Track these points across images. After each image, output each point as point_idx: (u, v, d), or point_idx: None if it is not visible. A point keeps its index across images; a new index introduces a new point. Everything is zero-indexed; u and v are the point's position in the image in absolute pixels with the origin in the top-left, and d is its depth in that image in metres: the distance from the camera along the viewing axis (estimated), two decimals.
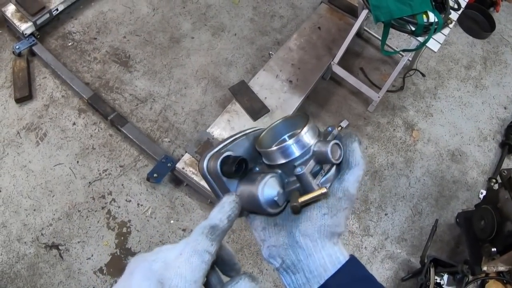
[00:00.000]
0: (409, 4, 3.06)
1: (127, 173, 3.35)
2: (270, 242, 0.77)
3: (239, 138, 0.80)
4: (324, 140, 0.74)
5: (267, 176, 0.73)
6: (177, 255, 0.64)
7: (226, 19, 4.22)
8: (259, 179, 0.73)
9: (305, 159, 0.73)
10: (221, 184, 0.77)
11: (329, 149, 0.71)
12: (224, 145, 0.78)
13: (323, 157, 0.72)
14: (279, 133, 0.84)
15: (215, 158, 0.76)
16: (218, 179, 0.76)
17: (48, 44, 3.83)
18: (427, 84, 4.24)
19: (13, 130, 3.42)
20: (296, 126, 0.82)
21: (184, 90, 3.76)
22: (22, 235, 3.07)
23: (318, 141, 0.74)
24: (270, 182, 0.73)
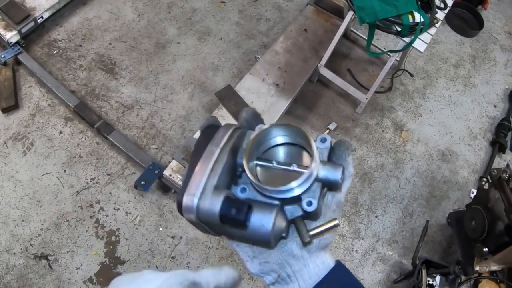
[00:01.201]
0: (394, 5, 3.03)
1: (114, 181, 3.34)
2: (261, 259, 0.75)
3: (220, 161, 0.68)
4: (328, 163, 0.70)
5: (273, 215, 0.65)
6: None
7: (212, 23, 4.21)
8: (265, 220, 0.65)
9: (312, 189, 0.69)
10: (217, 228, 0.69)
11: (339, 178, 0.69)
12: (207, 177, 0.67)
13: (331, 184, 0.70)
14: (263, 146, 0.76)
15: (208, 201, 0.66)
16: (214, 224, 0.67)
17: (33, 52, 3.81)
18: (416, 84, 4.23)
19: (0, 141, 3.40)
20: (284, 135, 0.76)
21: (170, 96, 3.74)
22: (11, 246, 3.06)
23: (323, 166, 0.70)
24: (277, 220, 0.66)
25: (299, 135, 0.74)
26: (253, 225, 0.66)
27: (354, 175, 0.81)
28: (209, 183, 0.66)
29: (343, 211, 3.47)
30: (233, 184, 0.73)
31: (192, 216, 0.67)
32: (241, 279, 0.71)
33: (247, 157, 0.70)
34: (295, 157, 0.76)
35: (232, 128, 0.73)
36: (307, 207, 0.67)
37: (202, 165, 0.68)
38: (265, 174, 0.74)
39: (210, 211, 0.65)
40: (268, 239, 0.66)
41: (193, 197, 0.66)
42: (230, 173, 0.71)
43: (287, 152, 0.77)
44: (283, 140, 0.76)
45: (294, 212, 0.70)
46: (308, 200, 0.67)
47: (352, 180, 3.59)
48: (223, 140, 0.71)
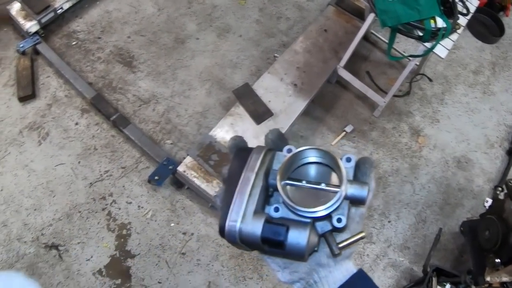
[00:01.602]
0: (416, 9, 3.01)
1: (128, 174, 3.34)
2: (292, 269, 0.80)
3: (256, 186, 0.73)
4: (355, 182, 0.75)
5: (307, 233, 0.70)
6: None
7: (232, 20, 4.20)
8: (300, 237, 0.70)
9: (341, 206, 0.73)
10: (257, 247, 0.74)
11: (366, 195, 0.73)
12: (246, 202, 0.72)
13: (358, 201, 0.74)
14: (294, 168, 0.81)
15: (250, 225, 0.71)
16: (256, 246, 0.73)
17: (52, 42, 3.82)
18: (434, 89, 4.19)
19: (16, 129, 3.41)
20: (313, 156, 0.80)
21: (188, 92, 3.73)
22: (22, 235, 3.07)
23: (351, 185, 0.74)
24: (311, 237, 0.71)
25: (328, 158, 0.78)
26: (290, 243, 0.70)
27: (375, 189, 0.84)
28: (248, 209, 0.72)
29: None
30: (266, 203, 0.77)
31: (235, 240, 0.72)
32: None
33: (280, 180, 0.74)
34: (323, 176, 0.80)
35: (263, 151, 0.77)
36: (337, 223, 0.72)
37: (241, 192, 0.73)
38: (295, 192, 0.77)
39: (252, 235, 0.71)
40: (303, 255, 0.71)
41: (235, 223, 0.71)
42: (264, 195, 0.75)
43: (315, 170, 0.81)
44: (309, 160, 0.81)
45: (324, 227, 0.75)
46: (338, 217, 0.72)
47: None
48: (257, 164, 0.75)
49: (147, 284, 3.03)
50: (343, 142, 3.72)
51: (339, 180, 0.75)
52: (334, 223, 0.72)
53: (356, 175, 0.78)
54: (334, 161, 0.76)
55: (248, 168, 0.75)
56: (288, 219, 0.73)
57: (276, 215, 0.74)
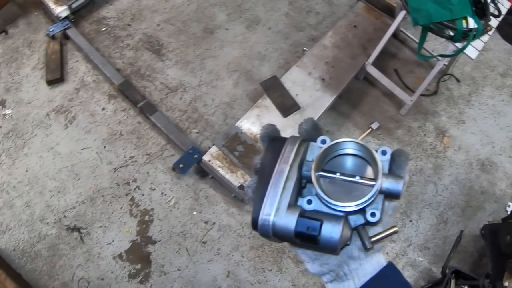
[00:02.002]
0: (449, 9, 2.99)
1: (153, 161, 3.35)
2: (322, 261, 0.80)
3: (290, 179, 0.72)
4: (390, 176, 0.73)
5: (340, 227, 0.69)
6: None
7: (262, 12, 4.19)
8: (333, 231, 0.69)
9: (375, 200, 0.73)
10: (290, 241, 0.74)
11: (401, 189, 0.72)
12: (280, 195, 0.71)
13: (393, 195, 0.73)
14: (328, 160, 0.79)
15: (283, 219, 0.70)
16: (289, 239, 0.73)
17: (82, 28, 3.84)
18: (461, 90, 4.15)
19: (43, 112, 3.44)
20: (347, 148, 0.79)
21: (215, 82, 3.74)
22: (45, 216, 3.10)
23: (386, 178, 0.73)
24: (344, 231, 0.70)
25: (364, 151, 0.76)
26: (323, 237, 0.70)
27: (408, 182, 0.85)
28: (282, 202, 0.71)
29: None
30: (299, 195, 0.76)
31: (268, 234, 0.71)
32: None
33: (315, 173, 0.73)
34: (357, 168, 0.78)
35: (298, 142, 0.76)
36: (371, 218, 0.71)
37: (275, 184, 0.72)
38: (328, 184, 0.77)
39: (286, 229, 0.70)
40: (336, 249, 0.71)
41: (269, 216, 0.70)
42: (298, 187, 0.74)
43: (350, 162, 0.79)
44: (344, 152, 0.79)
45: (357, 220, 0.74)
46: (372, 211, 0.71)
47: None
48: (291, 156, 0.74)
49: (167, 270, 3.04)
50: (368, 139, 3.70)
51: (374, 174, 0.74)
52: (368, 217, 0.71)
53: (391, 168, 0.76)
54: (370, 154, 0.74)
55: (282, 159, 0.74)
56: (321, 212, 0.72)
57: (309, 208, 0.73)
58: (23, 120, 3.41)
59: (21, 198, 3.15)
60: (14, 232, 3.05)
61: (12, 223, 3.07)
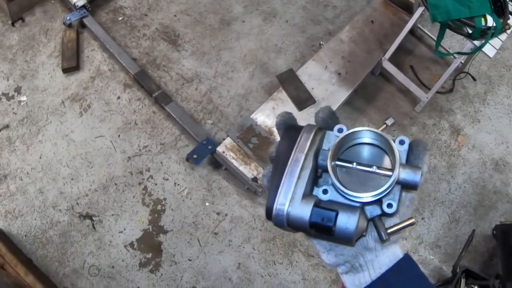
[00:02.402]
0: (468, 6, 2.96)
1: (167, 151, 3.35)
2: (337, 251, 0.78)
3: (305, 168, 0.71)
4: (408, 166, 0.72)
5: (356, 217, 0.68)
6: None
7: (279, 5, 4.17)
8: (349, 222, 0.68)
9: (392, 191, 0.71)
10: (305, 231, 0.72)
11: (419, 180, 0.70)
12: (294, 184, 0.70)
13: (410, 186, 0.72)
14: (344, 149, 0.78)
15: (298, 209, 0.69)
16: (303, 230, 0.71)
17: (98, 17, 3.85)
18: (477, 89, 4.12)
19: (58, 99, 3.45)
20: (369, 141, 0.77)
21: (231, 73, 3.73)
22: (57, 203, 3.11)
23: (403, 169, 0.71)
24: (360, 222, 0.69)
25: (382, 140, 0.74)
26: (338, 228, 0.68)
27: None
28: (297, 192, 0.69)
29: None
30: (315, 185, 0.74)
31: (282, 223, 0.70)
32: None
33: (331, 162, 0.72)
34: (374, 158, 0.77)
35: (314, 130, 0.75)
36: (387, 209, 0.70)
37: (290, 173, 0.71)
38: (344, 173, 0.75)
39: (301, 219, 0.68)
40: (351, 239, 0.69)
41: (283, 206, 0.69)
42: (313, 176, 0.73)
43: (367, 152, 0.78)
44: (361, 141, 0.78)
45: (373, 211, 0.73)
46: (389, 202, 0.70)
47: None
48: (307, 145, 0.73)
49: (177, 260, 3.04)
50: None
51: (392, 164, 0.73)
52: (385, 208, 0.70)
53: (409, 158, 0.75)
54: (388, 144, 0.73)
55: (298, 148, 0.73)
56: (336, 203, 0.71)
57: (324, 198, 0.72)
58: (38, 107, 3.42)
59: (34, 184, 3.16)
60: (26, 218, 3.07)
61: (25, 209, 3.08)
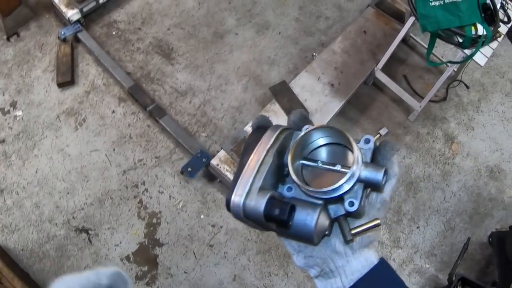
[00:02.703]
0: (458, 15, 2.99)
1: (161, 164, 3.37)
2: (306, 253, 0.78)
3: (266, 163, 0.72)
4: (371, 165, 0.72)
5: (316, 214, 0.68)
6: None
7: (271, 17, 4.20)
8: (308, 218, 0.69)
9: (354, 189, 0.71)
10: (263, 225, 0.73)
11: (381, 179, 0.70)
12: (253, 178, 0.71)
13: (373, 185, 0.72)
14: (308, 148, 0.79)
15: (254, 200, 0.70)
16: (260, 222, 0.71)
17: (93, 31, 3.87)
18: (471, 97, 4.14)
19: (53, 114, 3.47)
20: (328, 136, 0.78)
21: (224, 86, 3.75)
22: (54, 217, 3.13)
23: (365, 167, 0.71)
24: (320, 218, 0.69)
25: (341, 137, 0.75)
26: (296, 223, 0.69)
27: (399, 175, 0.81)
28: (254, 184, 0.71)
29: (384, 218, 3.44)
30: (281, 183, 0.76)
31: (239, 214, 0.71)
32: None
33: (292, 159, 0.73)
34: (340, 157, 0.78)
35: (279, 129, 0.76)
36: (349, 207, 0.70)
37: (249, 167, 0.72)
38: (310, 173, 0.78)
39: (255, 210, 0.69)
40: (311, 237, 0.69)
41: (240, 197, 0.70)
42: (276, 173, 0.75)
43: (333, 152, 0.79)
44: (326, 141, 0.79)
45: (338, 211, 0.73)
46: (350, 200, 0.70)
47: (397, 188, 3.56)
48: (270, 142, 0.74)
49: (173, 273, 3.06)
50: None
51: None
52: (346, 207, 0.70)
53: (376, 158, 0.75)
54: (346, 140, 0.73)
55: (260, 144, 0.74)
56: (299, 200, 0.72)
57: (288, 195, 0.74)
58: (33, 121, 3.44)
59: (31, 198, 3.18)
60: (23, 232, 3.08)
61: (21, 223, 3.10)
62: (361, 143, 0.75)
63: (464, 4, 2.97)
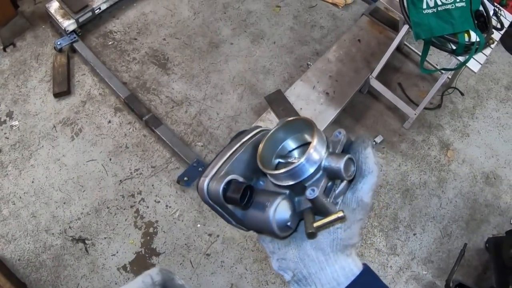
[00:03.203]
0: (450, 23, 3.01)
1: (158, 174, 3.37)
2: (279, 255, 0.75)
3: (237, 152, 0.74)
4: (335, 154, 0.70)
5: (277, 200, 0.68)
6: None
7: (266, 27, 4.23)
8: (268, 204, 0.68)
9: (316, 178, 0.69)
10: (226, 210, 0.73)
11: (342, 166, 0.67)
12: (222, 163, 0.73)
13: (335, 174, 0.69)
14: (281, 143, 0.78)
15: (216, 182, 0.71)
16: (223, 205, 0.72)
17: (89, 41, 3.89)
18: (465, 103, 4.16)
19: (50, 124, 3.47)
20: (300, 132, 0.78)
21: (220, 96, 3.77)
22: (50, 227, 3.12)
23: (329, 155, 0.69)
24: (281, 206, 0.69)
25: (309, 126, 0.74)
26: (256, 208, 0.70)
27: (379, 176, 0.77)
28: (221, 168, 0.72)
29: (381, 226, 3.45)
30: (255, 177, 0.77)
31: (204, 196, 0.72)
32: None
33: (261, 150, 0.73)
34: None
35: (258, 129, 0.79)
36: (309, 195, 0.67)
37: (220, 154, 0.74)
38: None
39: (216, 191, 0.70)
40: (270, 224, 0.68)
41: (205, 178, 0.72)
42: (252, 167, 0.75)
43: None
44: (298, 139, 0.78)
45: (303, 204, 0.71)
46: (311, 188, 0.67)
47: (394, 195, 3.57)
48: (245, 137, 0.77)
49: None
50: None
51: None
52: (307, 195, 0.67)
53: (347, 151, 0.73)
54: (310, 127, 0.73)
55: (237, 139, 0.77)
56: (266, 190, 0.73)
57: (260, 187, 0.75)
58: (30, 131, 3.44)
59: (27, 208, 3.18)
60: (19, 242, 3.08)
61: (18, 233, 3.10)
62: (333, 136, 0.74)
63: (457, 11, 3.00)
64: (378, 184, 3.57)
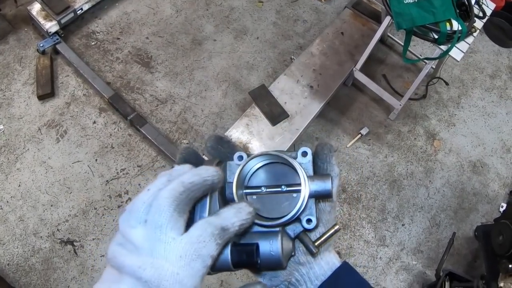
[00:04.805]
0: (432, 12, 3.01)
1: (144, 173, 3.37)
2: (271, 275, 0.75)
3: (210, 205, 0.65)
4: (316, 177, 0.70)
5: (279, 240, 0.66)
6: (177, 258, 0.56)
7: (249, 22, 4.23)
8: (272, 248, 0.66)
9: (307, 206, 0.69)
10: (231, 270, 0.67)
11: (330, 188, 0.69)
12: None
13: (324, 195, 0.70)
14: (245, 175, 0.73)
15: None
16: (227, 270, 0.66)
17: (71, 43, 3.87)
18: (451, 93, 4.18)
19: (35, 127, 3.46)
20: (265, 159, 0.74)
21: (204, 93, 3.77)
22: (38, 230, 3.12)
23: (312, 181, 0.69)
24: (284, 243, 0.67)
25: (280, 159, 0.72)
26: (263, 257, 0.66)
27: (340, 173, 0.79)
28: None
29: (369, 217, 3.46)
30: None
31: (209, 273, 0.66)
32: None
33: (237, 193, 0.69)
34: (282, 176, 0.73)
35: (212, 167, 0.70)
36: (307, 225, 0.68)
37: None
38: (257, 200, 0.72)
39: (223, 262, 0.63)
40: (281, 264, 0.67)
41: None
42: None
43: (273, 172, 0.74)
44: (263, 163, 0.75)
45: (296, 229, 0.71)
46: (307, 218, 0.68)
47: (381, 187, 3.58)
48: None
49: None
50: (358, 145, 3.73)
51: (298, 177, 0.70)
52: (305, 225, 0.68)
53: (317, 163, 0.74)
54: (289, 163, 0.70)
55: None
56: (255, 233, 0.68)
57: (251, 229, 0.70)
58: (15, 135, 3.43)
59: (14, 212, 3.17)
60: (8, 246, 3.07)
61: (6, 238, 3.09)
62: (299, 158, 0.72)
63: (437, 0, 3.00)
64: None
